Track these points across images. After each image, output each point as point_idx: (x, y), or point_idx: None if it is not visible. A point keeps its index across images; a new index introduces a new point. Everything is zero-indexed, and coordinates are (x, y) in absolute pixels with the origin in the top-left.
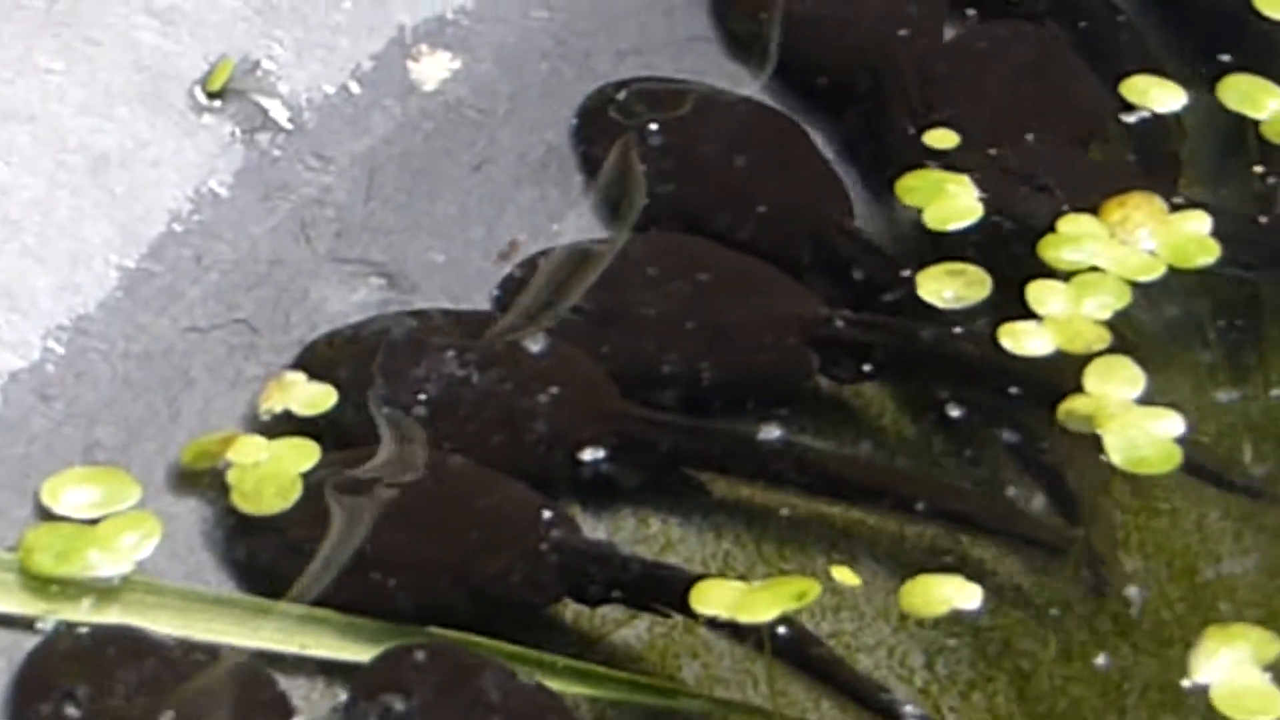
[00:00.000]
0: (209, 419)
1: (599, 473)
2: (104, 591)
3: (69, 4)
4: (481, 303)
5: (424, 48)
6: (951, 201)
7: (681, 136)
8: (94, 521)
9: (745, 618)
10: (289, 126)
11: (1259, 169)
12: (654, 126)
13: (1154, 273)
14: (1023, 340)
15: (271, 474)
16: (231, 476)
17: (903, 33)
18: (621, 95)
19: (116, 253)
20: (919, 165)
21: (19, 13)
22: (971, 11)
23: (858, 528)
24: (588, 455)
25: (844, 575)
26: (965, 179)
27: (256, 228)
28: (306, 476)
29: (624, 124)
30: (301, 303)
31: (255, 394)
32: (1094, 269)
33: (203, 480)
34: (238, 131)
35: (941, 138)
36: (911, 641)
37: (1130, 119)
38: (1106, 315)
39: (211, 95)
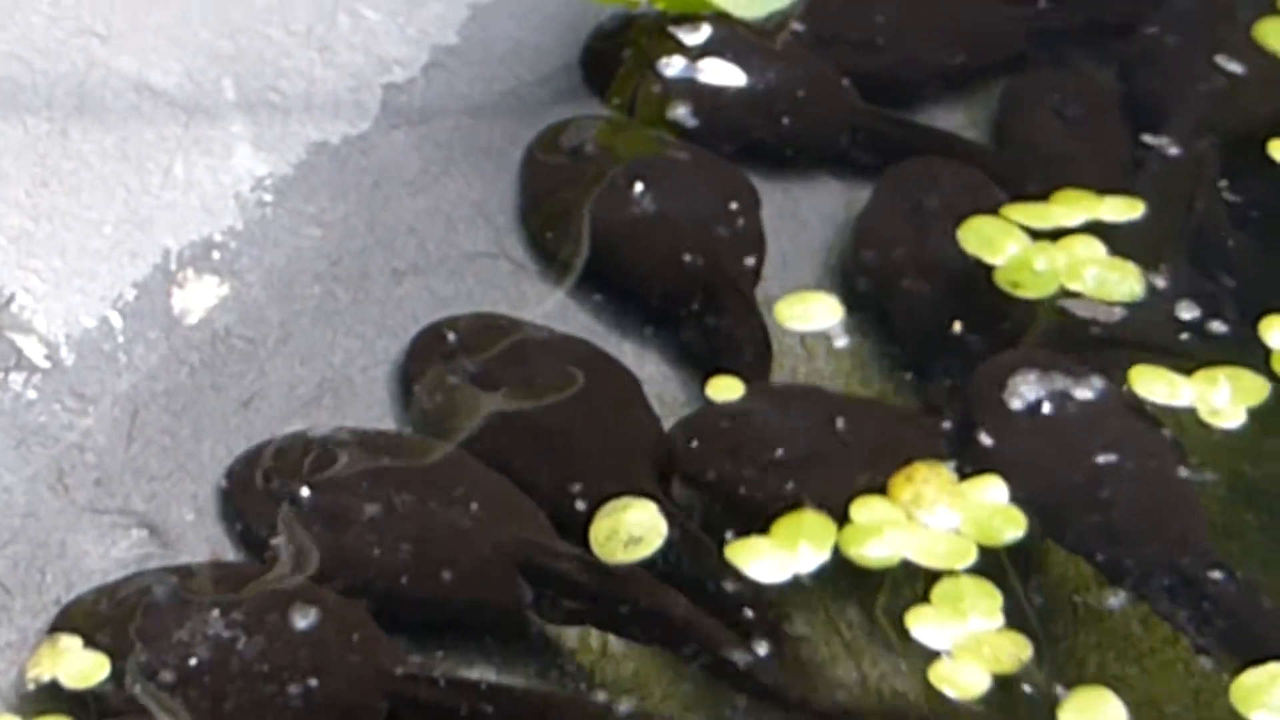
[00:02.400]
0: None
1: None
2: None
3: None
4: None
5: (190, 273)
6: None
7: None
8: None
9: None
10: (45, 365)
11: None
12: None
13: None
14: None
15: None
16: None
17: (724, 231)
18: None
19: None
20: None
21: None
22: None
23: None
24: None
25: None
26: None
27: (10, 477)
28: None
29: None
30: (58, 559)
31: (8, 662)
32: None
33: None
34: None
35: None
36: None
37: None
38: None
39: None
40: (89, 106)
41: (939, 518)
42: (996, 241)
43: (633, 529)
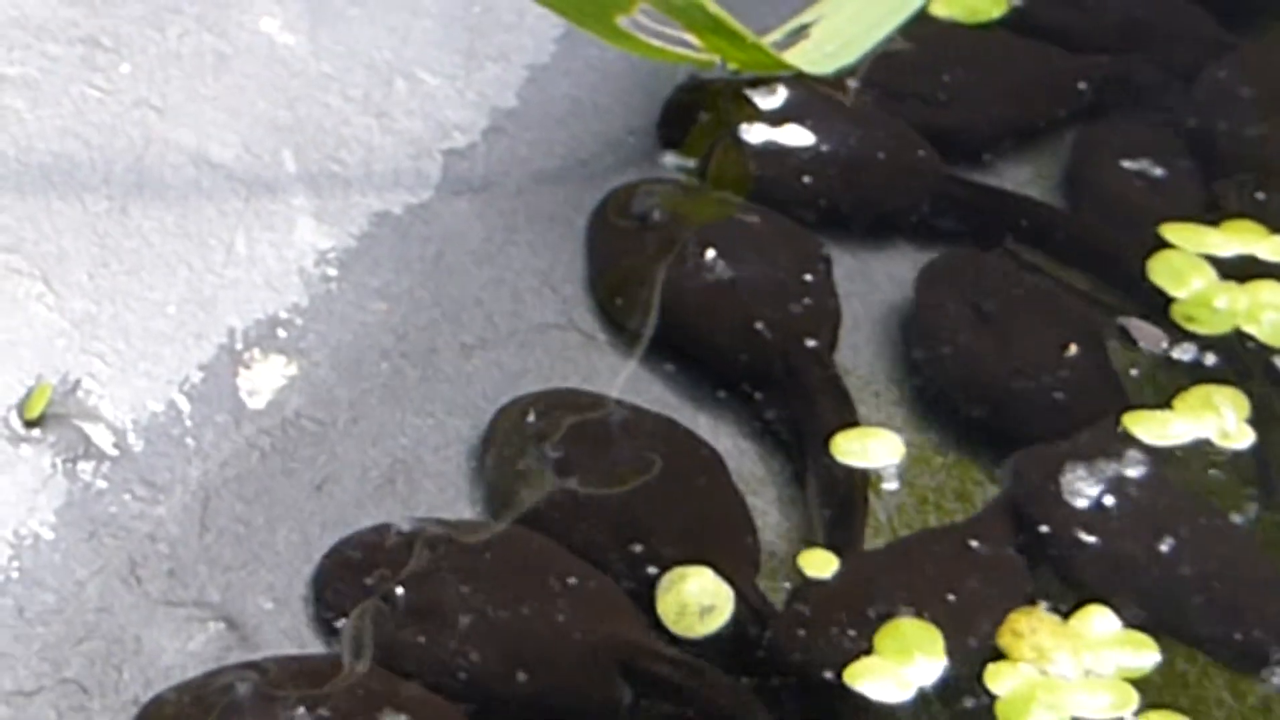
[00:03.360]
0: None
1: None
2: None
3: None
4: (332, 644)
5: (256, 353)
6: None
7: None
8: None
9: None
10: (114, 453)
11: None
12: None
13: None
14: None
15: None
16: None
17: (805, 302)
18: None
19: None
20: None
21: None
22: None
23: None
24: None
25: None
26: None
27: (83, 571)
28: None
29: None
30: (135, 655)
31: None
32: None
33: None
34: (59, 462)
35: None
36: None
37: None
38: None
39: (29, 424)
40: (148, 183)
41: (1068, 666)
42: (1184, 275)
43: (700, 598)
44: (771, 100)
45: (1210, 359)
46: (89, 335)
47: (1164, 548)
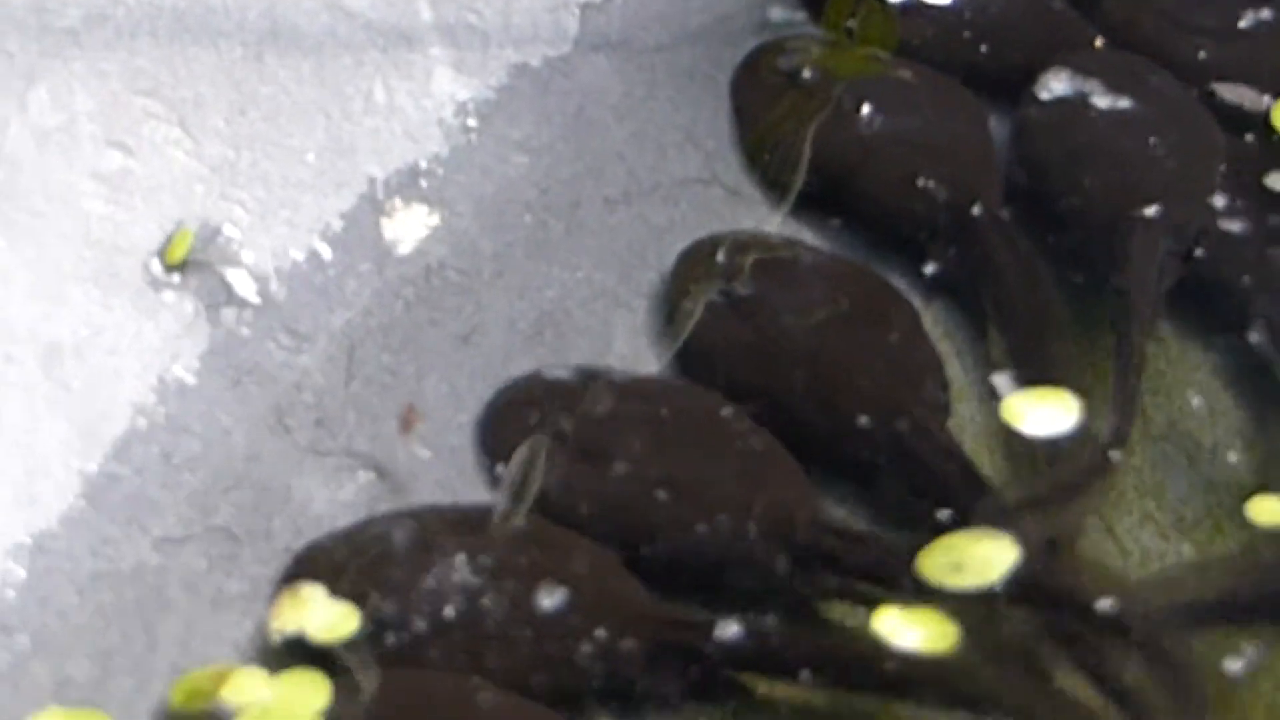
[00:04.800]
0: (190, 646)
1: (625, 684)
2: None
3: (6, 173)
4: (479, 494)
5: (398, 202)
6: None
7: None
8: None
9: None
10: (257, 300)
11: None
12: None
13: None
14: None
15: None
16: None
17: (969, 157)
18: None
19: (77, 456)
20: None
21: None
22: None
23: None
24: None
25: None
26: None
27: (228, 418)
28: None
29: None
30: (284, 504)
31: (240, 613)
32: None
33: None
34: (201, 309)
35: None
36: None
37: None
38: None
39: (170, 269)
40: (282, 30)
41: None
42: None
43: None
44: None
45: None
46: (228, 182)
47: None
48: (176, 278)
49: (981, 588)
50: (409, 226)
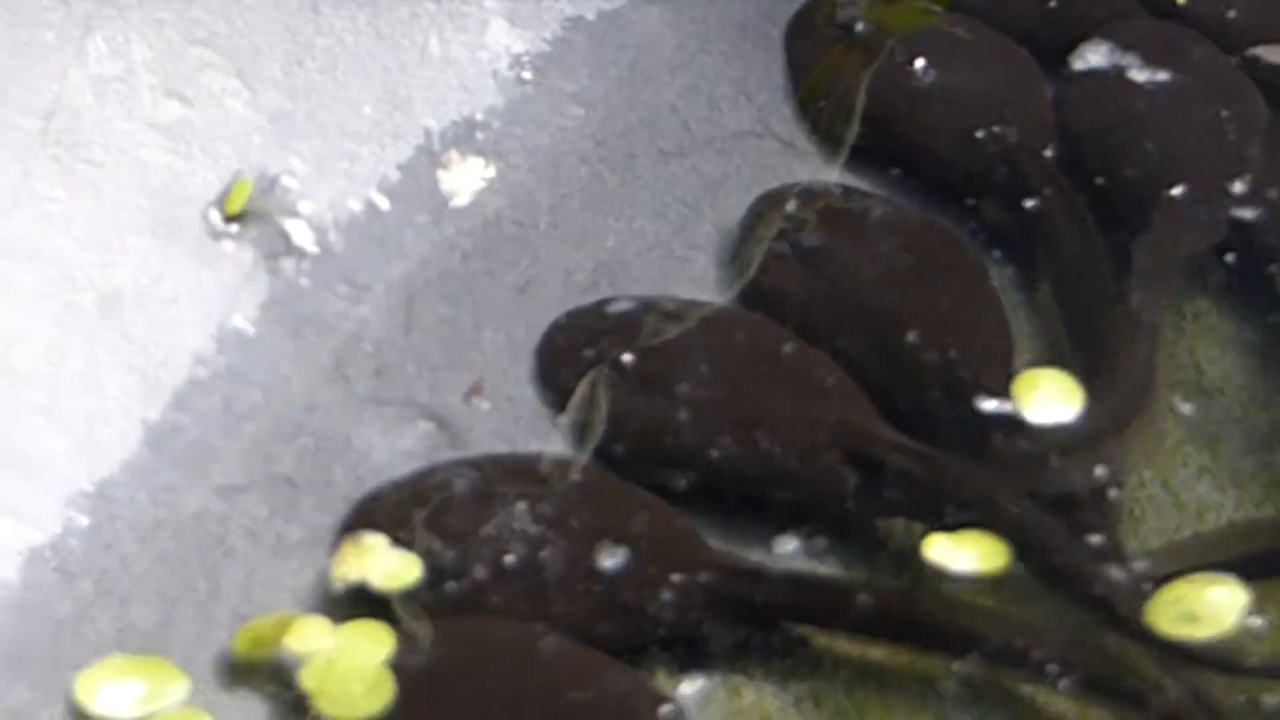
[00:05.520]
0: (252, 593)
1: (685, 633)
2: None
3: (66, 121)
4: (537, 443)
5: (454, 155)
6: None
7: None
8: None
9: None
10: (315, 250)
11: None
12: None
13: None
14: None
15: (352, 669)
16: (308, 678)
17: (1016, 105)
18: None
19: (138, 404)
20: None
21: (11, 134)
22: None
23: (985, 691)
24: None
25: None
26: None
27: (288, 368)
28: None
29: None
30: (344, 453)
31: (301, 562)
32: None
33: (258, 671)
34: (260, 259)
35: None
36: None
37: None
38: None
39: (229, 219)
40: None
41: None
42: None
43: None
44: None
45: None
46: (285, 132)
47: None
48: (235, 228)
49: (1219, 638)
50: (465, 178)
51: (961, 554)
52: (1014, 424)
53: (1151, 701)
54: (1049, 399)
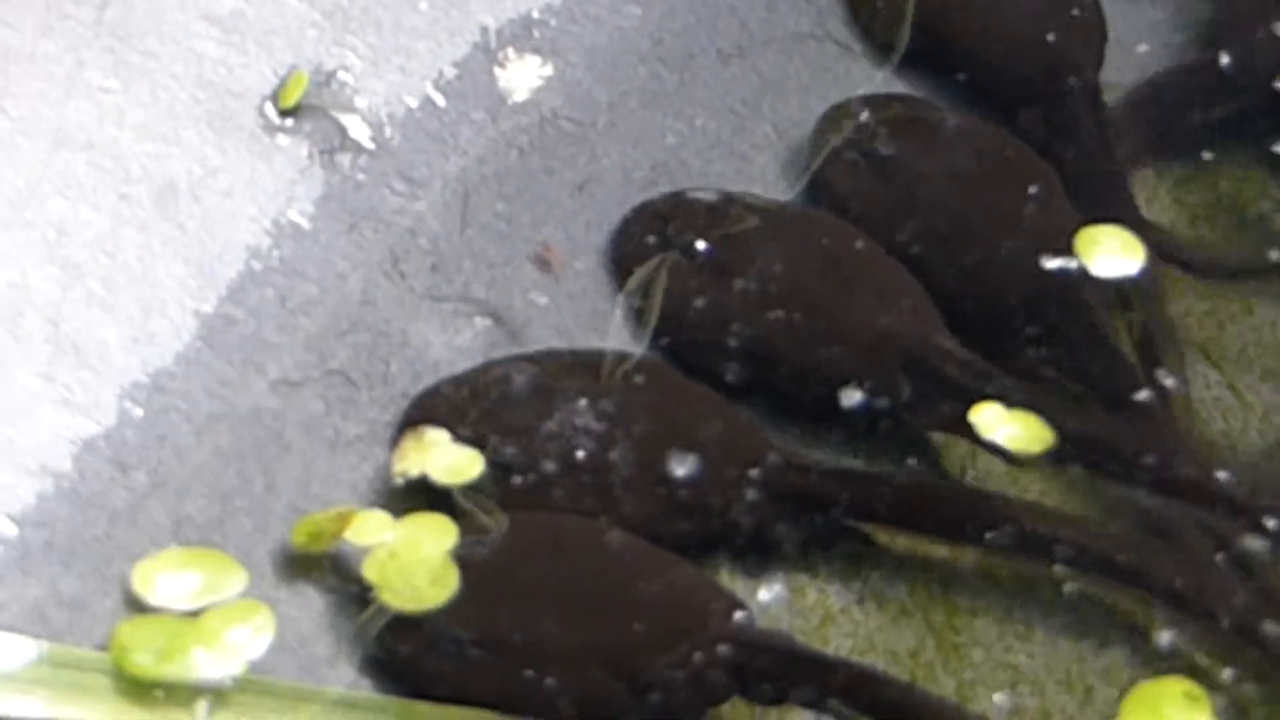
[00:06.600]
0: (309, 488)
1: (751, 533)
2: (214, 695)
3: (120, 12)
4: (596, 340)
5: (511, 52)
6: None
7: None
8: (195, 613)
9: None
10: (371, 146)
11: None
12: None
13: None
14: None
15: (415, 561)
16: (370, 570)
17: (1075, 12)
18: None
19: (192, 296)
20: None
21: (65, 24)
22: None
23: (1045, 590)
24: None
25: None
26: None
27: (344, 263)
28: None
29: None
30: (401, 349)
31: (359, 456)
32: None
33: (316, 565)
34: (315, 153)
35: None
36: None
37: None
38: None
39: (284, 113)
40: None
41: None
42: None
43: None
44: None
45: None
46: (340, 28)
47: None
48: (290, 122)
49: None
50: (522, 76)
51: (1007, 428)
52: (1079, 278)
53: (1219, 611)
54: (1112, 253)
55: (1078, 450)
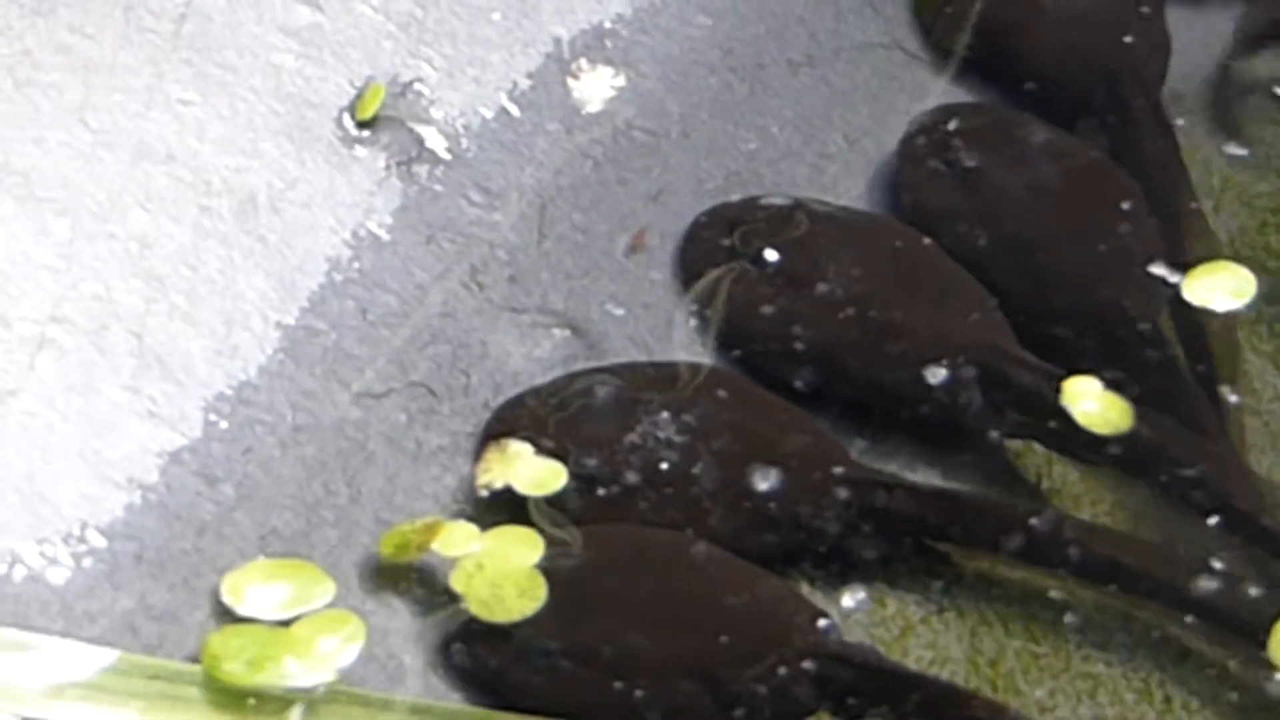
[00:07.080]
0: (393, 499)
1: (832, 546)
2: (307, 703)
3: (197, 25)
4: (674, 352)
5: (584, 63)
6: None
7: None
8: (284, 623)
9: None
10: (447, 157)
11: None
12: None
13: None
14: None
15: (503, 572)
16: (457, 581)
17: (1129, 37)
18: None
19: (274, 309)
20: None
21: (144, 36)
22: None
23: (1125, 618)
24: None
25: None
26: None
27: (423, 274)
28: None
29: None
30: (481, 360)
31: (441, 467)
32: None
33: (403, 575)
34: (393, 164)
35: None
36: None
37: None
38: None
39: (362, 124)
40: None
41: None
42: None
43: None
44: None
45: None
46: (415, 39)
47: None
48: (368, 133)
49: None
50: (595, 87)
51: (1089, 403)
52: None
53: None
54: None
55: (1137, 456)
